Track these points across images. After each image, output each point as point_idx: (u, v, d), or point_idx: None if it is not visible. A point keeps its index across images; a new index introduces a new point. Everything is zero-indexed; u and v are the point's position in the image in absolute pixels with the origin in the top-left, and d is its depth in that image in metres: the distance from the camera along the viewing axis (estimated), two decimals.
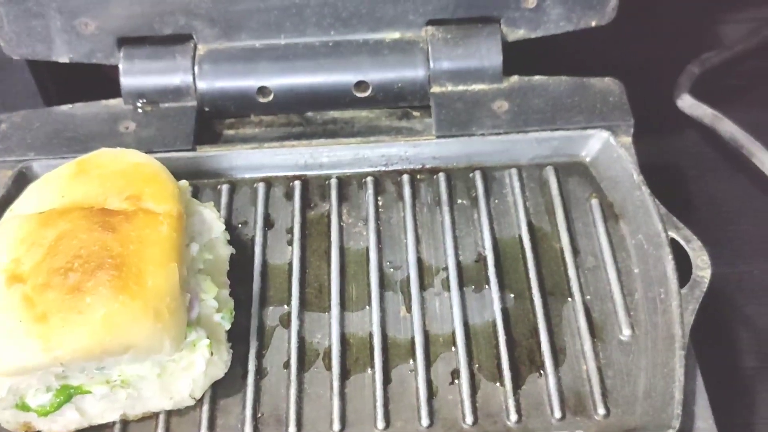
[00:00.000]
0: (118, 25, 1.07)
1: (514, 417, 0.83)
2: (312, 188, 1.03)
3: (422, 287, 0.93)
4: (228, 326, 0.88)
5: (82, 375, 0.82)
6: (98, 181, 0.88)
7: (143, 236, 0.83)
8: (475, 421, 0.84)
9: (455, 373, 0.86)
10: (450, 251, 0.96)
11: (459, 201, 1.00)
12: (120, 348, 0.79)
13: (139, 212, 0.85)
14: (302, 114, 1.11)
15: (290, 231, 0.99)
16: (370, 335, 0.90)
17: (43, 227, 0.84)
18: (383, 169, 1.04)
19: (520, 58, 1.08)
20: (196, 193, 1.03)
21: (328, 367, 0.88)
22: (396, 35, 1.08)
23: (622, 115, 1.04)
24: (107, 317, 0.78)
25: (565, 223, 0.98)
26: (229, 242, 0.96)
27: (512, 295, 0.93)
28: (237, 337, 0.89)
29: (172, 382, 0.85)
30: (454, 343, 0.89)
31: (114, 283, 0.79)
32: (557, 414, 0.83)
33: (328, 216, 1.00)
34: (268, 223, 1.00)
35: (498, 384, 0.86)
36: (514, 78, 1.08)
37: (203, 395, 0.87)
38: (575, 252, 0.95)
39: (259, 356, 0.89)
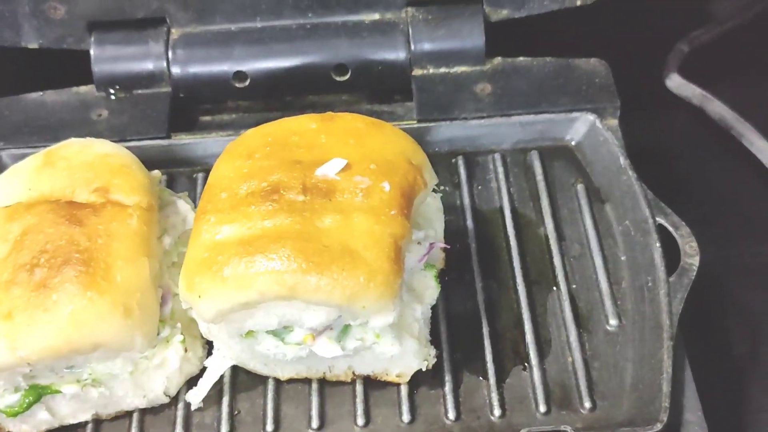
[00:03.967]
0: (88, 9, 1.04)
1: (497, 412, 0.81)
2: None
3: None
4: None
5: (51, 374, 0.79)
6: (65, 173, 0.85)
7: (111, 230, 0.80)
8: (458, 417, 0.81)
9: (437, 367, 0.84)
10: None
11: (441, 187, 0.97)
12: (89, 346, 0.76)
13: (107, 205, 0.82)
14: (280, 99, 1.08)
15: None
16: None
17: (8, 221, 0.81)
18: None
19: (504, 39, 1.05)
20: (171, 182, 1.01)
21: None
22: (376, 16, 1.05)
23: (608, 97, 1.01)
24: (74, 314, 0.76)
25: (549, 209, 0.95)
26: None
27: (496, 285, 0.90)
28: None
29: (146, 379, 0.82)
30: (436, 335, 0.86)
31: (81, 279, 0.77)
32: (542, 408, 0.81)
33: None
34: None
35: (481, 378, 0.84)
36: (498, 59, 1.05)
37: (178, 393, 0.84)
38: (560, 239, 0.93)
39: None
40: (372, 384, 0.84)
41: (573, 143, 1.00)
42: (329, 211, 0.77)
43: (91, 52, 1.05)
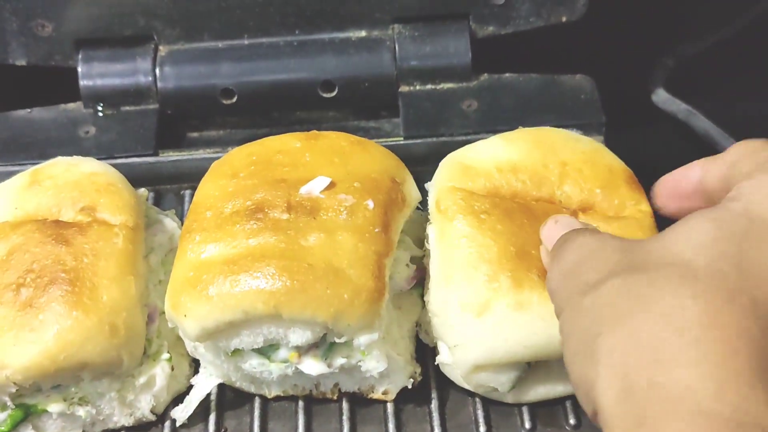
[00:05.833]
0: (76, 26, 1.04)
1: (483, 428, 0.81)
2: None
3: None
4: None
5: (38, 393, 0.79)
6: (52, 192, 0.85)
7: (97, 249, 0.80)
8: None
9: (423, 385, 0.84)
10: None
11: None
12: (75, 366, 0.77)
13: (93, 224, 0.82)
14: (267, 115, 1.08)
15: None
16: None
17: None
18: None
19: (491, 55, 1.06)
20: (158, 199, 1.01)
21: None
22: (362, 33, 1.06)
23: (593, 113, 1.02)
24: (60, 334, 0.76)
25: None
26: None
27: None
28: None
29: (132, 397, 0.82)
30: (422, 353, 0.86)
31: (67, 299, 0.77)
32: (527, 425, 0.81)
33: None
34: None
35: (467, 395, 0.83)
36: (484, 76, 1.06)
37: (165, 410, 0.84)
38: None
39: None
40: (358, 401, 0.84)
41: None
42: (313, 229, 0.77)
43: (79, 69, 1.05)
